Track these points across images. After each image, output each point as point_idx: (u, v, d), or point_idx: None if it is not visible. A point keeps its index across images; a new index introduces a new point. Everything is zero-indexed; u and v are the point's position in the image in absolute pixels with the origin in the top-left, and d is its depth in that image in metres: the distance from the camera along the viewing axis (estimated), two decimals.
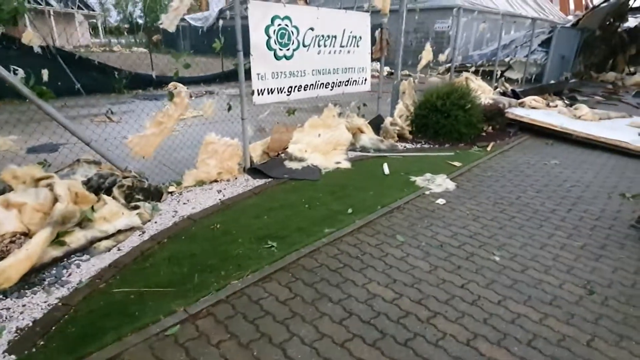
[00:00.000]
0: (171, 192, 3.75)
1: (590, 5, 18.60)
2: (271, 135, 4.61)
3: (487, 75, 11.10)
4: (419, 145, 5.77)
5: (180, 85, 3.68)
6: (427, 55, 6.76)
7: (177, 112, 3.48)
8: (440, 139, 5.95)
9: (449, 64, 14.91)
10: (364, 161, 4.99)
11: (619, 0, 14.12)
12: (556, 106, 7.79)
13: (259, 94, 4.15)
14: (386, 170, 4.58)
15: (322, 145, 4.96)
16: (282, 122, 4.75)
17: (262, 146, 4.55)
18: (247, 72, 3.97)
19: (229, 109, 4.04)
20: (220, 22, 24.89)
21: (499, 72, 11.16)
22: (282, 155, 4.60)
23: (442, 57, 7.98)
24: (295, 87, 4.54)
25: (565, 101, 8.85)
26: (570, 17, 24.49)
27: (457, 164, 4.89)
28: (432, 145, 5.79)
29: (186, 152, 4.59)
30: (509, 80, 12.28)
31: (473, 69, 10.40)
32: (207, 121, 4.71)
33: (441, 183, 4.19)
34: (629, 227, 3.31)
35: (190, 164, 4.15)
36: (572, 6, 32.14)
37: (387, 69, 11.98)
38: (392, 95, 6.39)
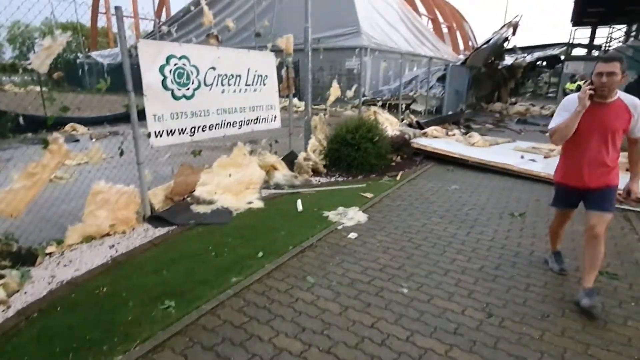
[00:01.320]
0: (50, 254, 3.22)
1: (475, 46, 21.52)
2: (175, 178, 4.30)
3: (395, 108, 11.99)
4: (333, 179, 5.86)
5: (78, 126, 3.27)
6: (334, 91, 7.07)
7: (54, 161, 3.05)
8: (353, 171, 6.12)
9: (364, 98, 15.93)
10: (277, 199, 4.88)
11: (496, 42, 16.50)
12: (454, 135, 8.60)
13: (156, 136, 3.87)
14: (299, 207, 4.51)
15: (233, 186, 4.76)
16: (187, 163, 4.47)
17: (164, 191, 4.21)
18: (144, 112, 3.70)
19: (121, 153, 3.67)
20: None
21: (404, 106, 12.12)
22: (189, 199, 4.29)
23: (349, 94, 8.42)
24: (199, 127, 4.34)
25: (462, 130, 9.85)
26: (460, 56, 28.00)
27: (368, 195, 5.02)
28: (345, 178, 5.92)
29: (77, 202, 4.04)
30: (414, 112, 13.41)
31: (380, 103, 11.13)
32: (102, 167, 4.26)
33: (353, 216, 4.23)
34: (517, 245, 3.62)
35: (79, 217, 3.64)
36: (461, 46, 36.90)
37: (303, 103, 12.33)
38: (304, 131, 6.48)
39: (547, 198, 5.06)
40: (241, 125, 4.94)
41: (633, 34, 27.32)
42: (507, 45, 19.20)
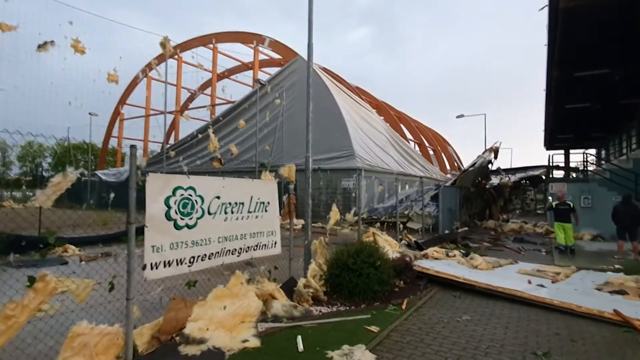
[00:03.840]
0: None
1: (461, 167, 22.96)
2: (165, 314, 3.95)
3: (392, 227, 12.06)
4: (334, 309, 5.46)
5: (70, 246, 3.09)
6: (334, 215, 7.15)
7: (37, 301, 2.81)
8: (355, 299, 5.76)
9: (363, 216, 16.17)
10: (275, 334, 4.44)
11: (480, 165, 17.65)
12: (454, 256, 8.44)
13: (152, 268, 3.68)
14: (300, 345, 4.07)
15: (227, 319, 4.37)
16: (179, 296, 4.17)
17: (151, 329, 3.82)
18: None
19: (111, 288, 3.43)
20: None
21: (401, 226, 12.22)
22: (177, 338, 3.87)
23: (349, 217, 8.53)
24: (199, 256, 4.19)
25: (462, 250, 9.73)
26: (448, 175, 29.65)
27: (374, 329, 4.61)
28: (348, 307, 5.53)
29: (57, 340, 3.61)
30: (410, 230, 13.46)
31: (378, 224, 11.22)
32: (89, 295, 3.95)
33: (360, 357, 3.79)
34: None
35: None
36: (448, 166, 39.43)
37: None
38: (304, 256, 6.32)
39: (567, 331, 4.70)
40: (240, 252, 4.80)
41: (603, 158, 29.59)
42: (492, 167, 20.52)
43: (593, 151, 35.28)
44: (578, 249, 11.05)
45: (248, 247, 4.94)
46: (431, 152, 37.87)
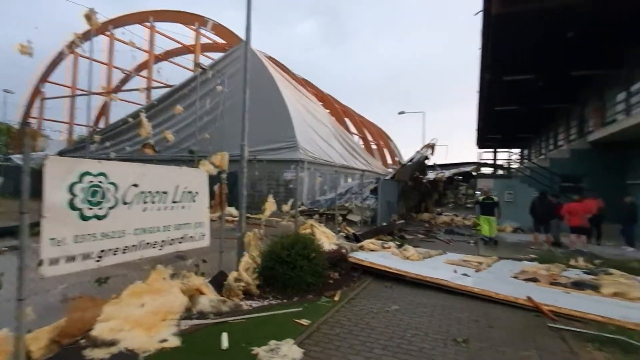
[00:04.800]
0: None
1: (401, 162, 23.86)
2: (68, 315, 3.52)
3: (332, 219, 12.14)
4: (266, 302, 5.30)
5: None
6: (270, 206, 6.95)
7: None
8: (289, 292, 5.64)
9: (301, 208, 16.11)
10: (200, 332, 4.18)
11: (418, 160, 18.41)
12: (389, 247, 8.68)
13: (51, 264, 3.24)
14: (224, 342, 3.86)
15: (146, 318, 4.02)
16: (86, 294, 3.75)
17: (50, 333, 3.38)
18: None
19: None
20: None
21: (340, 218, 12.35)
22: (83, 341, 3.47)
23: (285, 208, 8.39)
24: (110, 250, 3.78)
25: (397, 241, 10.06)
26: (390, 170, 30.67)
27: (305, 322, 4.53)
28: (280, 300, 5.40)
29: None
30: (350, 222, 13.68)
31: (318, 214, 11.22)
32: None
33: (287, 353, 3.67)
34: None
35: None
36: (389, 161, 40.81)
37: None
38: (237, 248, 6.07)
39: (485, 317, 4.98)
40: (163, 245, 4.43)
41: (526, 157, 32.42)
42: (428, 163, 21.53)
43: (519, 150, 38.60)
44: (500, 240, 11.96)
45: (172, 240, 4.58)
46: (374, 147, 38.97)
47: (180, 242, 4.72)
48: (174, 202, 4.54)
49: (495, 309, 5.39)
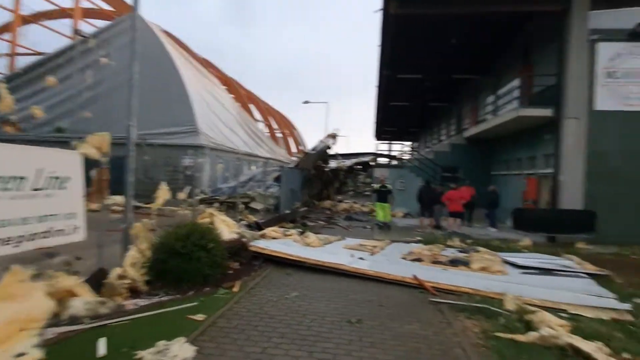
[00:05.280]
0: None
1: (305, 151, 24.30)
2: None
3: (233, 207, 11.75)
4: (156, 299, 4.85)
5: None
6: (163, 193, 6.34)
7: None
8: (183, 286, 5.26)
9: (202, 196, 15.25)
10: (71, 340, 3.61)
11: (321, 149, 18.91)
12: (291, 235, 8.74)
13: None
14: (101, 349, 3.40)
15: None
16: None
17: None
18: None
19: None
20: None
21: (242, 205, 12.04)
22: None
23: (181, 195, 7.80)
24: None
25: (299, 229, 10.19)
26: (294, 158, 31.00)
27: (200, 317, 4.26)
28: (174, 296, 5.00)
29: None
30: (253, 210, 13.44)
31: (219, 202, 10.74)
32: None
33: (177, 353, 3.39)
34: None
35: None
36: (294, 149, 41.26)
37: None
38: (123, 242, 5.41)
39: (377, 297, 5.32)
40: (20, 241, 3.69)
41: (416, 149, 35.86)
42: (330, 152, 22.30)
43: (410, 143, 42.46)
44: (393, 224, 13.01)
45: (34, 235, 3.85)
46: (279, 135, 38.93)
47: (45, 237, 3.99)
48: (36, 189, 3.80)
49: (387, 289, 5.80)
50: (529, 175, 13.24)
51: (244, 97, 32.34)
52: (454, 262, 7.22)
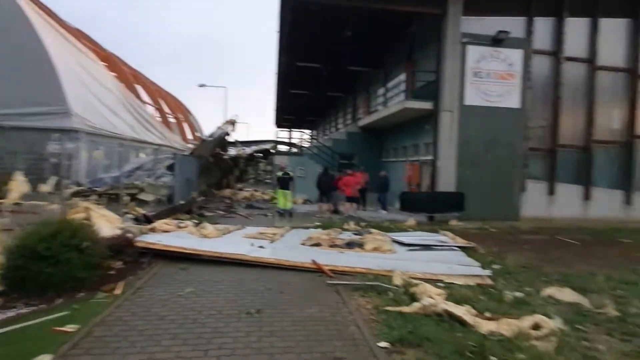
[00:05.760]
0: None
1: (202, 137, 22.98)
2: None
3: (116, 200, 10.50)
4: (12, 313, 4.03)
5: None
6: (17, 186, 5.27)
7: None
8: (50, 294, 4.48)
9: (78, 188, 13.22)
10: None
11: (219, 136, 18.08)
12: (186, 227, 8.18)
13: None
14: None
15: None
16: None
17: None
18: None
19: None
20: None
21: (127, 197, 10.84)
22: None
23: (45, 188, 6.62)
24: None
25: (195, 220, 9.59)
26: (190, 145, 29.12)
27: (71, 328, 3.67)
28: (36, 307, 4.22)
29: None
30: (142, 202, 12.22)
31: (98, 194, 9.46)
32: None
33: None
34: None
35: None
36: (190, 136, 38.74)
37: None
38: None
39: (277, 285, 5.30)
40: None
41: (315, 137, 36.82)
42: (230, 139, 21.50)
43: (310, 131, 43.42)
44: (293, 211, 13.17)
45: None
46: (172, 120, 36.00)
47: None
48: None
49: (287, 275, 5.82)
50: (413, 162, 14.67)
51: (128, 76, 28.87)
52: (350, 245, 7.61)
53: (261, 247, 7.12)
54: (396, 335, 3.65)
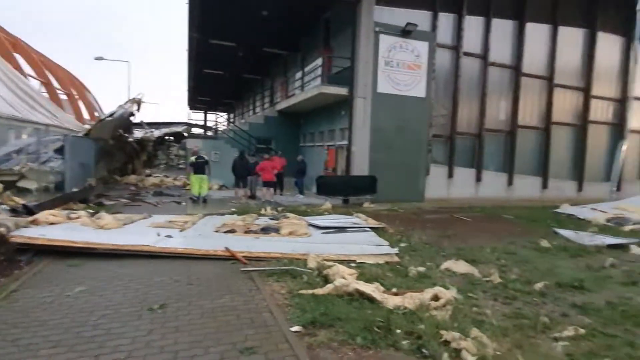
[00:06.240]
0: None
1: (100, 118, 20.51)
2: None
3: None
4: None
5: None
6: None
7: None
8: None
9: None
10: None
11: (122, 116, 16.30)
12: (79, 217, 7.23)
13: None
14: None
15: None
16: None
17: None
18: None
19: None
20: None
21: (0, 185, 9.21)
22: None
23: None
24: None
25: (90, 210, 8.54)
26: (87, 126, 25.87)
27: None
28: None
29: None
30: (24, 191, 10.52)
31: None
32: None
33: None
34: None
35: None
36: (86, 116, 34.38)
37: None
38: None
39: (186, 276, 4.97)
40: None
41: (231, 120, 35.50)
42: (134, 120, 19.56)
43: (226, 114, 41.66)
44: (208, 197, 12.55)
45: None
46: (64, 97, 31.49)
47: None
48: None
49: (197, 265, 5.48)
50: (329, 146, 14.97)
51: (5, 44, 24.35)
52: (266, 230, 7.48)
53: (169, 236, 6.61)
54: (309, 318, 3.66)
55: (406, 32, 12.56)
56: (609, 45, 16.80)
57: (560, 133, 16.42)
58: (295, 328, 3.52)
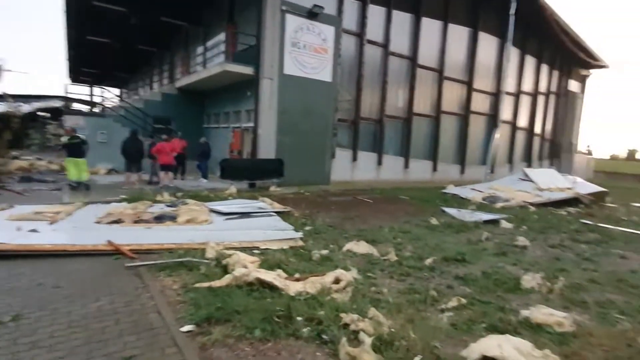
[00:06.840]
0: None
1: None
2: None
3: None
4: None
5: None
6: None
7: None
8: None
9: None
10: None
11: None
12: None
13: None
14: None
15: None
16: None
17: None
18: None
19: None
20: None
21: None
22: None
23: None
24: None
25: None
26: None
27: None
28: None
29: None
30: None
31: None
32: None
33: None
34: None
35: None
36: None
37: None
38: None
39: (54, 277, 4.19)
40: None
41: (122, 96, 31.77)
42: None
43: (118, 89, 37.09)
44: (93, 183, 10.99)
45: None
46: None
47: None
48: None
49: (70, 263, 4.68)
50: (235, 128, 14.29)
51: None
52: (160, 218, 6.78)
53: (34, 230, 5.53)
54: (203, 315, 3.34)
55: (313, 13, 12.41)
56: (488, 45, 19.06)
57: (448, 121, 18.26)
58: (187, 327, 3.18)
